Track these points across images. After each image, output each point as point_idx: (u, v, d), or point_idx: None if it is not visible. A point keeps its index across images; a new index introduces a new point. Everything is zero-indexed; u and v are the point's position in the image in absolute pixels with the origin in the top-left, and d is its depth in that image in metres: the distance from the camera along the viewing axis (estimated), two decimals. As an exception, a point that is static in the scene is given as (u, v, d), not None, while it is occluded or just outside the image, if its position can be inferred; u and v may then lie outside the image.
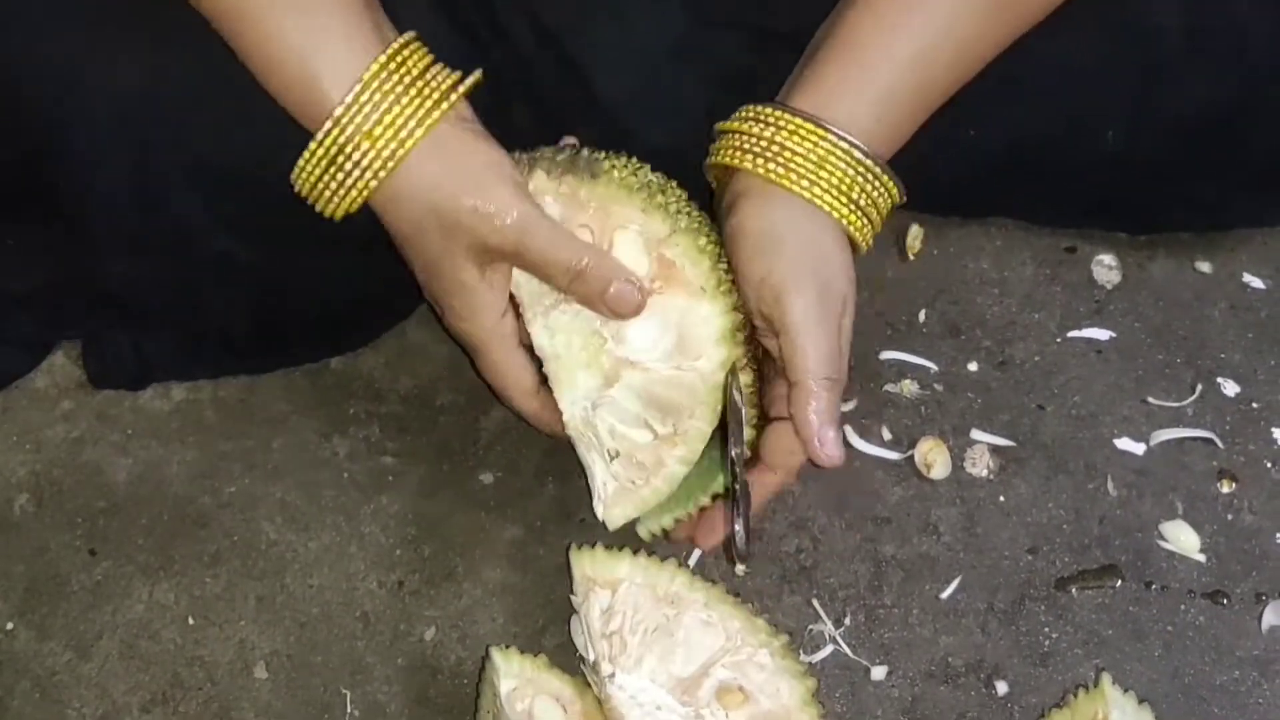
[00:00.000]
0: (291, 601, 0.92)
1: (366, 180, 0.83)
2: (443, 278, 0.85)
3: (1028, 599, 0.92)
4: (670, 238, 0.86)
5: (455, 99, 0.84)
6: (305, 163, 0.84)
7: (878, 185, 0.88)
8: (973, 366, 1.02)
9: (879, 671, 0.90)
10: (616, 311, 0.85)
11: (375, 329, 1.03)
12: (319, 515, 0.95)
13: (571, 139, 0.90)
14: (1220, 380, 1.01)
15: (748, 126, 0.88)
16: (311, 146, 0.83)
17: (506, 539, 0.95)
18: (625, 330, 0.87)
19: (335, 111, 0.81)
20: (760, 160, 0.87)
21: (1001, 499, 0.96)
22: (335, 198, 0.84)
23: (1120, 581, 0.93)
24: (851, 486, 0.91)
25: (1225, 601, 0.92)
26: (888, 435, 0.98)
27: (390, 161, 0.82)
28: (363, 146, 0.82)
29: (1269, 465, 0.97)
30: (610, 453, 0.88)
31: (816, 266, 0.86)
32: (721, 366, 0.86)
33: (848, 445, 0.96)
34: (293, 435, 0.99)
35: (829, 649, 0.90)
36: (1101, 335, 1.03)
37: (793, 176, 0.86)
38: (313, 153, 0.83)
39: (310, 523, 0.95)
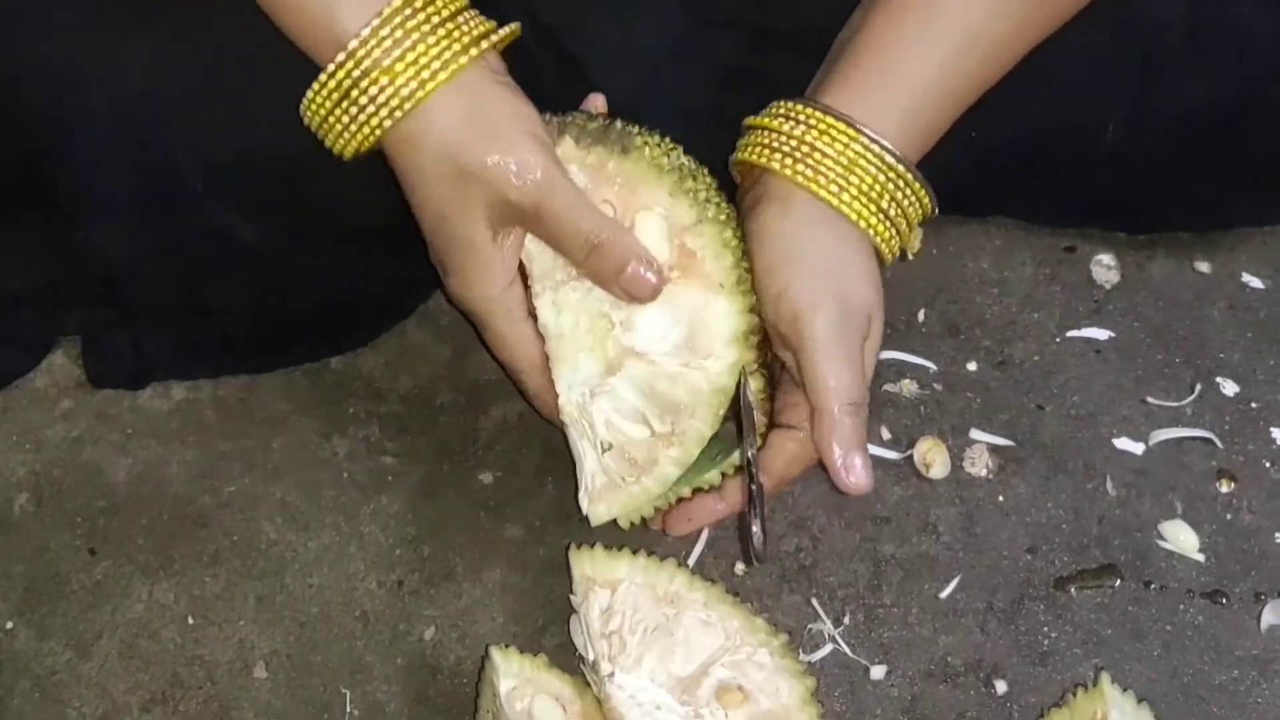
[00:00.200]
0: (291, 601, 0.92)
1: (381, 118, 0.79)
2: (453, 234, 0.82)
3: (1027, 598, 0.92)
4: (695, 227, 0.83)
5: (486, 46, 0.81)
6: (315, 94, 0.81)
7: (908, 194, 0.86)
8: (972, 366, 1.02)
9: (878, 671, 0.90)
10: (630, 294, 0.82)
11: (375, 329, 1.03)
12: (319, 515, 0.95)
13: (600, 98, 0.87)
14: (1219, 380, 1.01)
15: (778, 124, 0.85)
16: (322, 78, 0.80)
17: (506, 539, 0.95)
18: (635, 317, 0.84)
19: (350, 44, 0.78)
20: (789, 160, 0.84)
21: (1000, 499, 0.96)
22: (346, 133, 0.81)
23: (1119, 581, 0.93)
24: (851, 486, 0.91)
25: (1224, 601, 0.92)
26: (887, 435, 0.98)
27: (408, 102, 0.79)
28: (380, 82, 0.79)
29: (1268, 465, 0.97)
30: (603, 445, 0.85)
31: (838, 283, 0.83)
32: (731, 370, 0.84)
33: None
34: (292, 435, 0.99)
35: (828, 648, 0.90)
36: (1101, 335, 1.03)
37: (821, 180, 0.83)
38: (323, 84, 0.80)
39: (310, 522, 0.95)
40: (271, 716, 0.88)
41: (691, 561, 0.94)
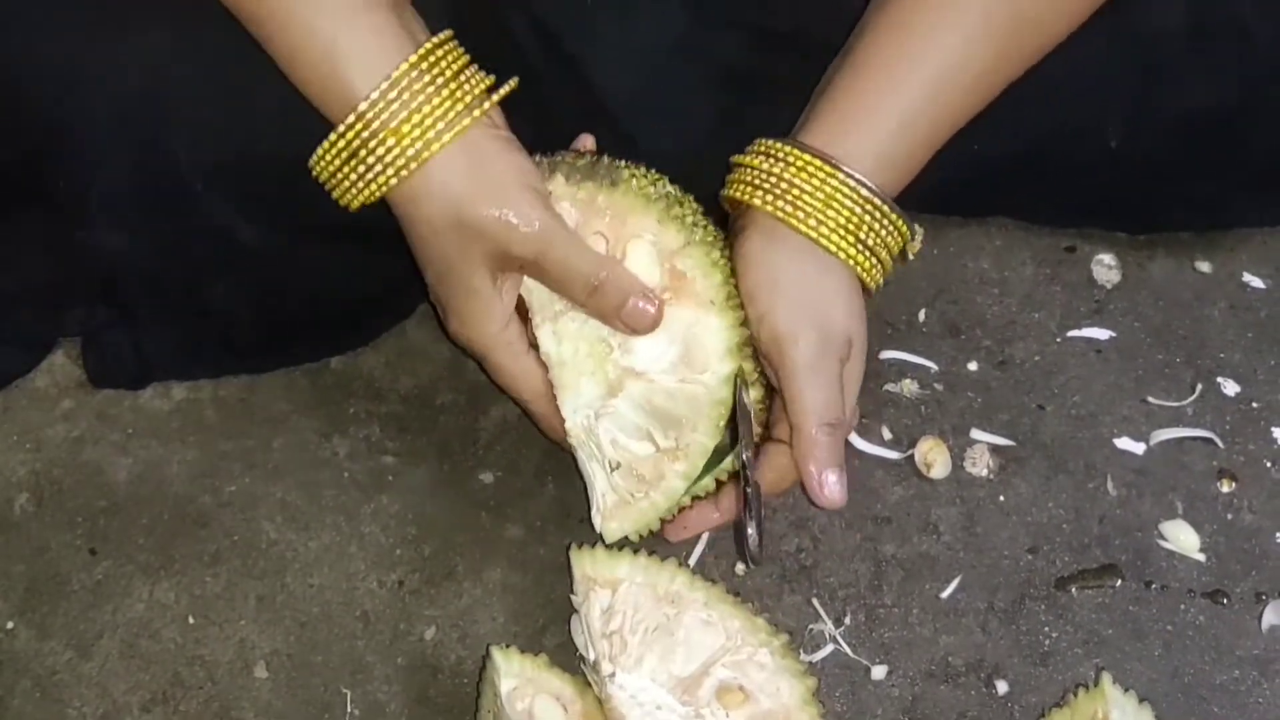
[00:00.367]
0: (292, 601, 0.92)
1: (388, 177, 0.82)
2: (454, 282, 0.85)
3: (1028, 598, 0.92)
4: (684, 250, 0.86)
5: (488, 106, 0.84)
6: (325, 152, 0.83)
7: (887, 225, 0.88)
8: (973, 366, 1.02)
9: (879, 671, 0.90)
10: (631, 327, 0.86)
11: (375, 328, 1.03)
12: (319, 515, 0.95)
13: (589, 138, 0.90)
14: (1220, 380, 1.01)
15: (759, 161, 0.88)
16: (332, 138, 0.82)
17: (507, 538, 0.95)
18: (633, 340, 0.87)
19: (360, 106, 0.81)
20: (770, 197, 0.87)
21: (1001, 498, 0.96)
22: (354, 189, 0.84)
23: (1120, 581, 0.93)
24: (852, 486, 0.91)
25: (1225, 601, 0.92)
26: (888, 435, 0.99)
27: (414, 161, 0.82)
28: (388, 142, 0.81)
29: (1269, 465, 0.97)
30: (611, 464, 0.88)
31: (816, 312, 0.86)
32: (726, 381, 0.87)
33: (848, 445, 0.96)
34: (293, 435, 0.99)
35: (829, 648, 0.90)
36: (1101, 335, 1.03)
37: (799, 215, 0.86)
38: (333, 144, 0.83)
39: (310, 522, 0.95)
40: (272, 716, 0.88)
41: (692, 562, 0.94)
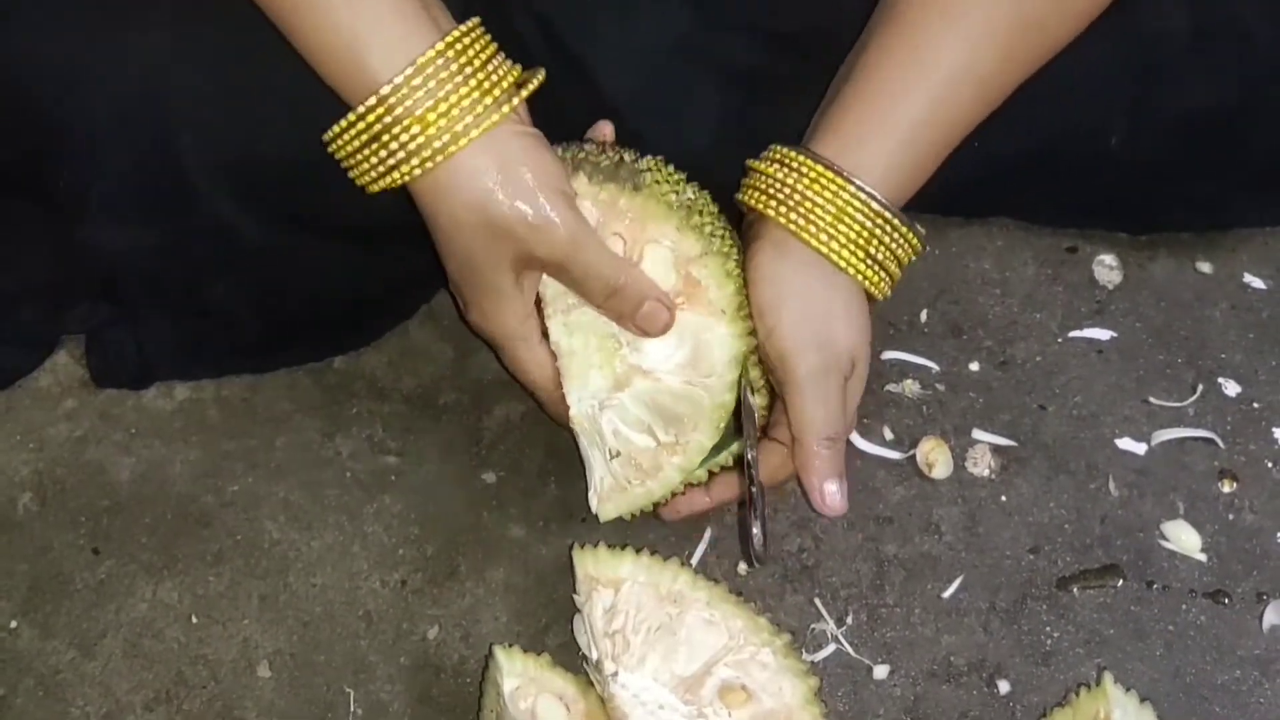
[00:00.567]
0: (294, 600, 0.92)
1: (412, 167, 0.81)
2: (477, 279, 0.85)
3: (1029, 598, 0.92)
4: (701, 258, 0.87)
5: (516, 103, 0.83)
6: (343, 130, 0.82)
7: (896, 238, 0.88)
8: (974, 366, 1.02)
9: (881, 670, 0.90)
10: (645, 330, 0.87)
11: (378, 328, 1.03)
12: (322, 514, 0.96)
13: (608, 126, 0.90)
14: (1221, 380, 1.01)
15: (773, 170, 0.89)
16: (351, 118, 0.81)
17: (509, 538, 0.95)
18: (642, 339, 0.88)
19: (382, 90, 0.80)
20: (784, 209, 0.87)
21: (1003, 499, 0.96)
22: (374, 173, 0.83)
23: (1122, 581, 0.93)
24: (853, 486, 0.91)
25: (1226, 601, 0.92)
26: (889, 435, 0.99)
27: (440, 154, 0.81)
28: (412, 130, 0.80)
29: (1270, 465, 0.97)
30: (611, 451, 0.89)
31: (822, 330, 0.87)
32: (730, 386, 0.88)
33: (850, 445, 0.96)
34: (296, 434, 0.99)
35: (831, 648, 0.91)
36: (1103, 335, 1.03)
37: (811, 229, 0.87)
38: (351, 123, 0.81)
39: (313, 522, 0.95)
40: (275, 716, 0.88)
41: (695, 561, 0.94)
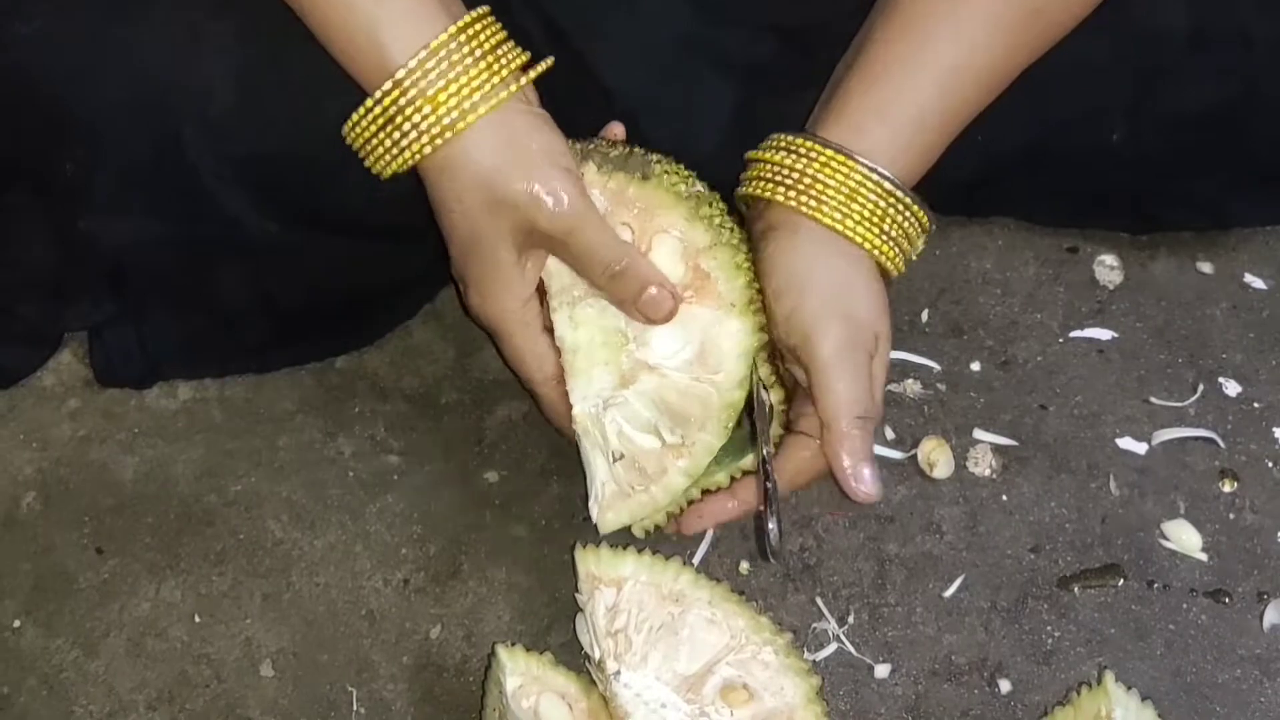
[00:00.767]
0: (297, 600, 0.92)
1: (422, 144, 0.82)
2: (480, 253, 0.85)
3: (1030, 597, 0.92)
4: (710, 250, 0.86)
5: (525, 81, 0.84)
6: (360, 118, 0.83)
7: (907, 215, 0.88)
8: (975, 366, 1.02)
9: (882, 669, 0.90)
10: (648, 316, 0.86)
11: (380, 328, 1.03)
12: (324, 514, 0.96)
13: (620, 127, 0.90)
14: (1222, 380, 1.01)
15: (779, 157, 0.88)
16: (368, 104, 0.83)
17: (512, 537, 0.95)
18: (649, 334, 0.87)
19: (398, 74, 0.81)
20: (793, 193, 0.87)
21: (1004, 498, 0.96)
22: (388, 155, 0.84)
23: (1122, 580, 0.93)
24: (855, 485, 0.92)
25: (1227, 600, 0.92)
26: (891, 435, 0.99)
27: (449, 130, 0.82)
28: (424, 110, 0.81)
29: (1270, 465, 0.98)
30: (614, 454, 0.88)
31: (846, 304, 0.86)
32: (739, 384, 0.87)
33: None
34: (298, 434, 0.99)
35: (833, 647, 0.91)
36: (1103, 335, 1.03)
37: (824, 209, 0.86)
38: (368, 109, 0.83)
39: (316, 521, 0.95)
40: (278, 715, 0.88)
41: (697, 560, 0.94)
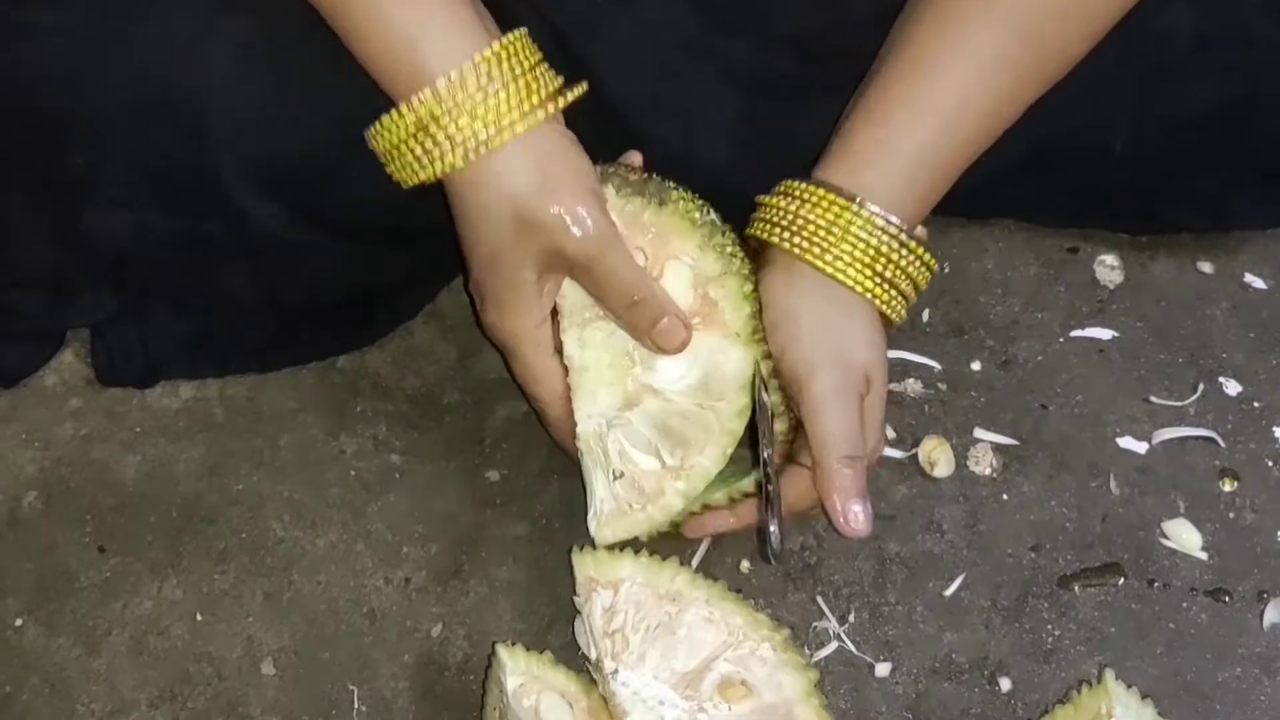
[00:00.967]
0: (299, 598, 0.93)
1: (455, 158, 0.82)
2: (501, 272, 0.85)
3: (1031, 596, 0.93)
4: (719, 278, 0.87)
5: (562, 104, 0.85)
6: (390, 123, 0.83)
7: (908, 256, 0.88)
8: (976, 366, 1.02)
9: (883, 668, 0.90)
10: (661, 346, 0.86)
11: (382, 327, 1.03)
12: (326, 513, 0.96)
13: (638, 155, 0.91)
14: (1222, 380, 1.01)
15: (778, 201, 0.89)
16: (401, 109, 0.83)
17: (513, 536, 0.95)
18: (655, 358, 0.88)
19: (437, 83, 0.81)
20: (786, 234, 0.88)
21: (1005, 497, 0.97)
22: (416, 164, 0.84)
23: (1123, 579, 0.93)
24: (855, 485, 0.92)
25: (1227, 599, 0.92)
26: (892, 434, 0.99)
27: (483, 146, 0.82)
28: (460, 121, 0.81)
29: (1270, 464, 0.98)
30: (615, 472, 0.89)
31: (835, 347, 0.86)
32: (740, 413, 0.88)
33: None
34: (300, 433, 0.99)
35: (833, 646, 0.91)
36: (1104, 335, 1.04)
37: (815, 251, 0.87)
38: (401, 115, 0.83)
39: (317, 520, 0.96)
40: (279, 713, 0.89)
41: (697, 560, 0.94)
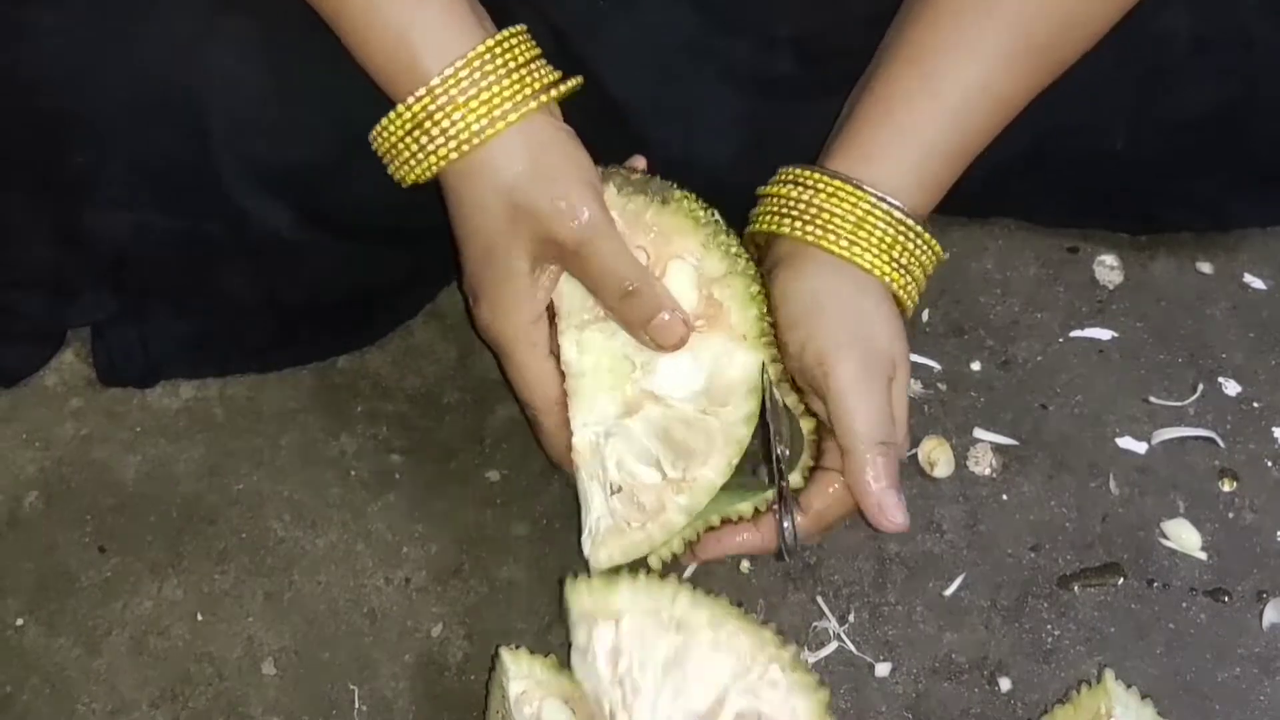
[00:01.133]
0: (299, 598, 0.93)
1: (449, 150, 0.83)
2: (494, 263, 0.85)
3: (1031, 596, 0.93)
4: (724, 279, 0.85)
5: (555, 95, 0.85)
6: (389, 124, 0.84)
7: (919, 244, 0.87)
8: (976, 366, 1.02)
9: (883, 668, 0.90)
10: (658, 341, 0.85)
11: (381, 327, 1.03)
12: (326, 512, 0.96)
13: (642, 159, 0.90)
14: (1221, 380, 1.01)
15: (786, 190, 0.88)
16: (399, 109, 0.83)
17: (513, 536, 0.95)
18: (656, 362, 0.86)
19: (431, 81, 0.82)
20: (800, 224, 0.86)
21: (1004, 497, 0.97)
22: (413, 161, 0.84)
23: (1122, 579, 0.93)
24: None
25: (1226, 599, 0.92)
26: (891, 434, 0.99)
27: (476, 137, 0.82)
28: (453, 116, 0.82)
29: (1270, 464, 0.98)
30: (612, 486, 0.86)
31: (859, 330, 0.85)
32: (747, 421, 0.85)
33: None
34: (300, 433, 0.99)
35: (833, 646, 0.91)
36: (1104, 335, 1.04)
37: (831, 238, 0.86)
38: (398, 115, 0.83)
39: (318, 520, 0.96)
40: (280, 713, 0.89)
41: (689, 571, 0.93)
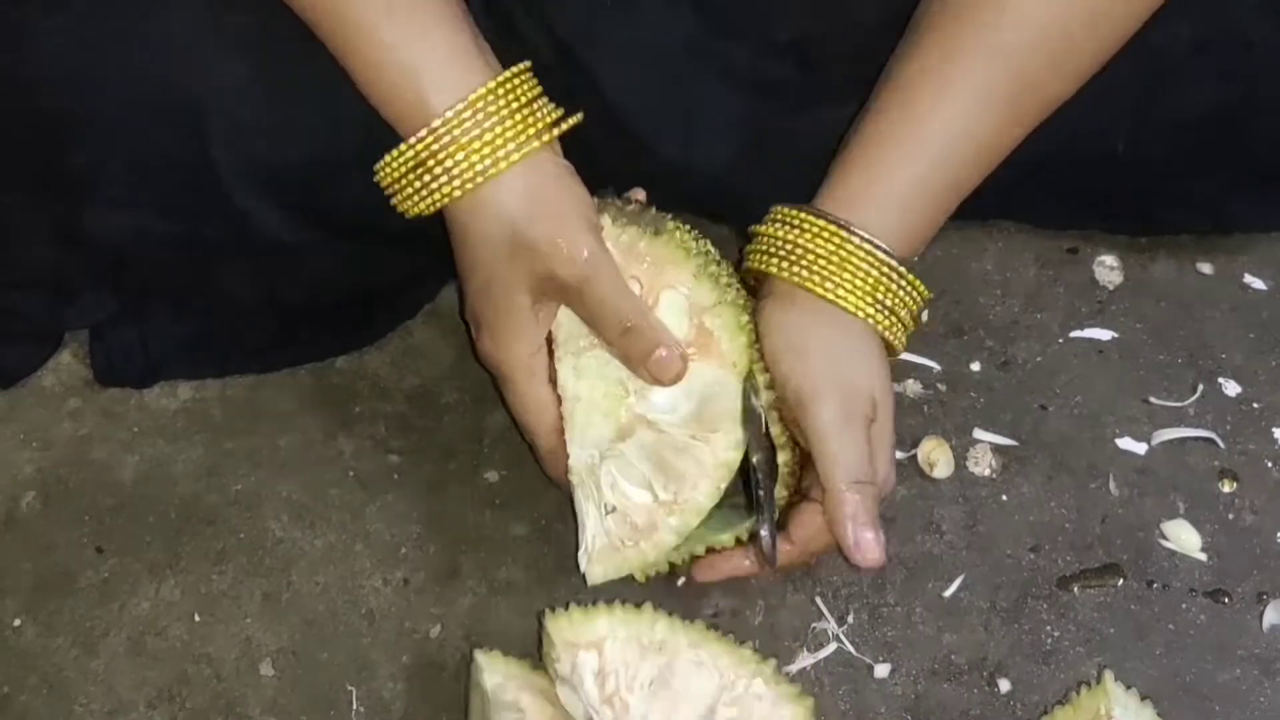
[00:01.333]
0: (297, 599, 0.93)
1: (453, 188, 0.84)
2: (495, 297, 0.87)
3: (1030, 597, 0.93)
4: (715, 308, 0.87)
5: (557, 133, 0.86)
6: (392, 160, 0.85)
7: (904, 285, 0.88)
8: (975, 366, 1.02)
9: (882, 669, 0.90)
10: (655, 376, 0.86)
11: (380, 328, 1.03)
12: (325, 513, 0.96)
13: (641, 192, 0.91)
14: (1221, 380, 1.01)
15: (775, 229, 0.89)
16: (402, 148, 0.85)
17: (511, 537, 0.95)
18: (649, 388, 0.88)
19: (434, 122, 0.83)
20: (785, 264, 0.88)
21: (1004, 498, 0.97)
22: (416, 196, 0.86)
23: (1122, 580, 0.93)
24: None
25: (1226, 600, 0.92)
26: (891, 435, 0.99)
27: (480, 176, 0.84)
28: (456, 156, 0.84)
29: (1270, 465, 0.98)
30: (607, 506, 0.88)
31: (839, 372, 0.86)
32: (736, 446, 0.87)
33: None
34: (299, 433, 0.99)
35: (832, 647, 0.91)
36: (1103, 335, 1.04)
37: (815, 279, 0.87)
38: (401, 153, 0.85)
39: (316, 520, 0.96)
40: (278, 713, 0.88)
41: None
